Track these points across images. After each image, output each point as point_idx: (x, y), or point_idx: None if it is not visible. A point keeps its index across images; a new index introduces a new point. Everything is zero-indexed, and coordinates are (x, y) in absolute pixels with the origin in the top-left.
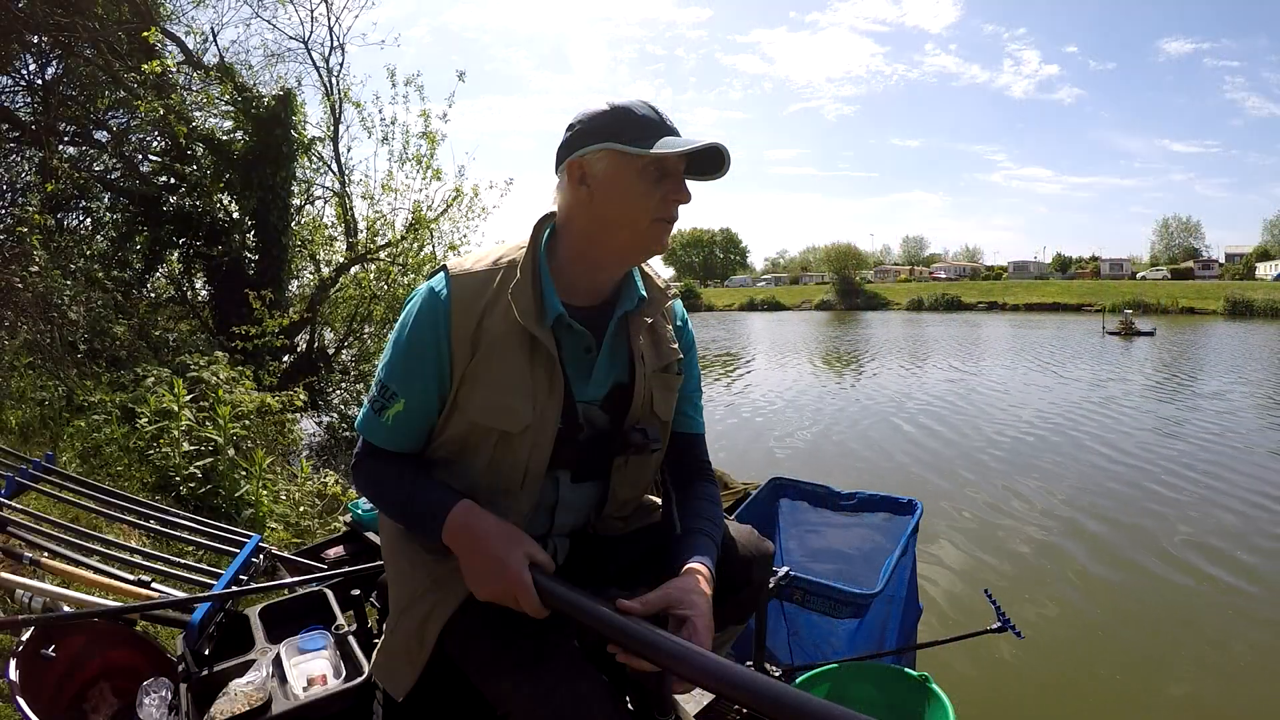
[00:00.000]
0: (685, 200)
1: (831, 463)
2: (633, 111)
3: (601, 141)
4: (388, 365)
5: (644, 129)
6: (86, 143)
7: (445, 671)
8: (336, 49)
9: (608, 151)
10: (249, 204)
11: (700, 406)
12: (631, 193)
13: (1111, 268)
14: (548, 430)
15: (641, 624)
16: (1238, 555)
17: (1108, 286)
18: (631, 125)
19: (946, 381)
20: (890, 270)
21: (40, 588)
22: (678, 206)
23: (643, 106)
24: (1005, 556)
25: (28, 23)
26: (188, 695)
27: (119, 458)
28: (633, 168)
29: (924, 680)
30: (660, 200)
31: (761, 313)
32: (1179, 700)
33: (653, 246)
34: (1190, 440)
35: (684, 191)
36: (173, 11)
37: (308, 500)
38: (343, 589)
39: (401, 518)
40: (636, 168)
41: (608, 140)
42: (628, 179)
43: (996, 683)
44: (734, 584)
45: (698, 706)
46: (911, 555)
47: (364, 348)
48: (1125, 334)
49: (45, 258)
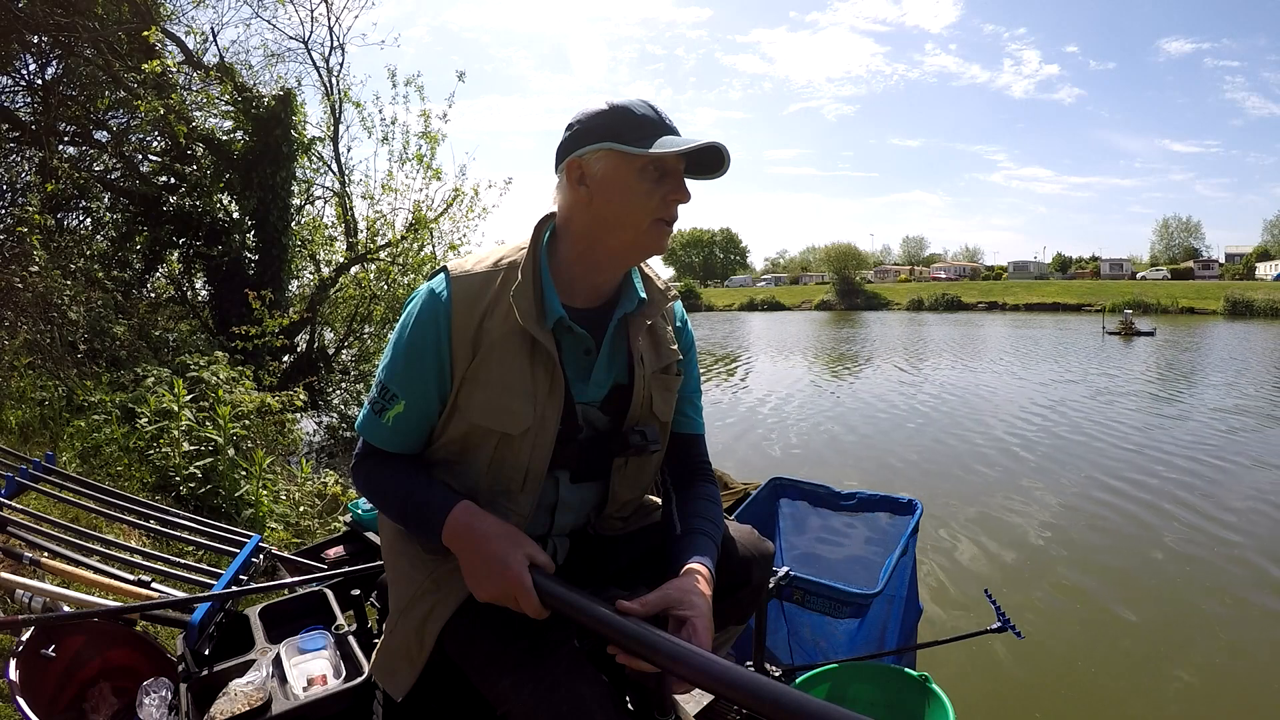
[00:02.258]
0: (685, 200)
1: (831, 463)
2: (632, 111)
3: (601, 141)
4: (388, 366)
5: (643, 129)
6: (86, 143)
7: (445, 671)
8: (336, 49)
9: (607, 151)
10: (249, 204)
11: (700, 407)
12: (631, 193)
13: (1111, 268)
14: (548, 432)
15: (641, 625)
16: (1238, 555)
17: (1108, 286)
18: (631, 125)
19: (946, 381)
20: (890, 270)
21: (40, 588)
22: (677, 206)
23: (642, 106)
24: (1005, 556)
25: (28, 23)
26: (188, 695)
27: (119, 458)
28: (632, 168)
29: (924, 680)
30: (660, 200)
31: (761, 313)
32: (1179, 700)
33: (652, 247)
34: (1191, 440)
35: (684, 191)
36: (173, 11)
37: (308, 500)
38: (343, 589)
39: (401, 518)
40: (636, 168)
41: (607, 140)
42: (627, 179)
43: (996, 683)
44: (734, 584)
45: (698, 707)
46: (911, 555)
47: (364, 348)
48: (1125, 334)
49: (45, 258)
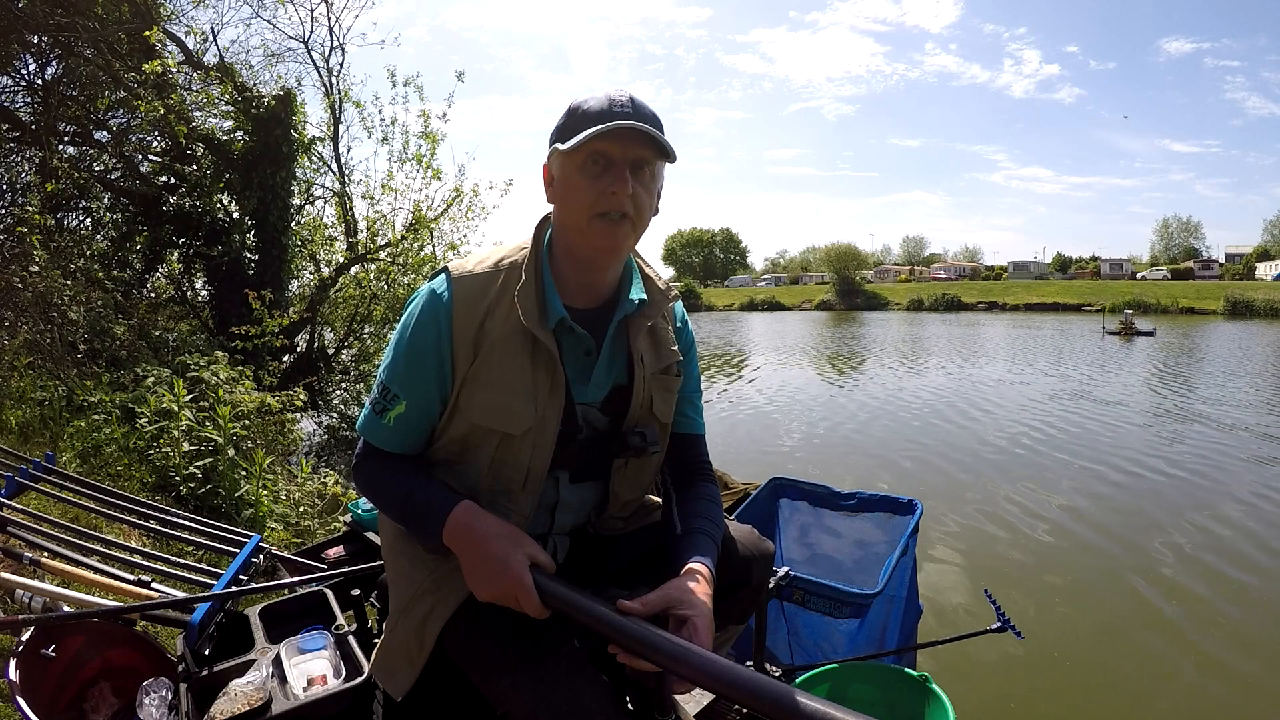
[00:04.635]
0: (621, 191)
1: (831, 463)
2: (581, 107)
3: (554, 142)
4: (389, 367)
5: (584, 123)
6: (86, 143)
7: (445, 671)
8: (336, 49)
9: (553, 151)
10: (249, 204)
11: (700, 407)
12: (574, 189)
13: (1111, 268)
14: (549, 432)
15: (642, 624)
16: (1239, 555)
17: (1108, 286)
18: (576, 121)
19: (946, 381)
20: (890, 270)
21: (40, 588)
22: (618, 200)
23: (597, 100)
24: (1005, 556)
25: (28, 23)
26: (188, 695)
27: (119, 458)
28: (574, 164)
29: (924, 680)
30: (598, 195)
31: (761, 313)
32: (1179, 700)
33: (598, 243)
34: (1191, 441)
35: (622, 183)
36: (173, 11)
37: (308, 500)
38: (343, 589)
39: (402, 518)
40: (577, 164)
41: (556, 140)
42: (571, 176)
43: (996, 683)
44: (734, 584)
45: (698, 706)
46: (911, 555)
47: (364, 348)
48: (1125, 334)
49: (45, 258)
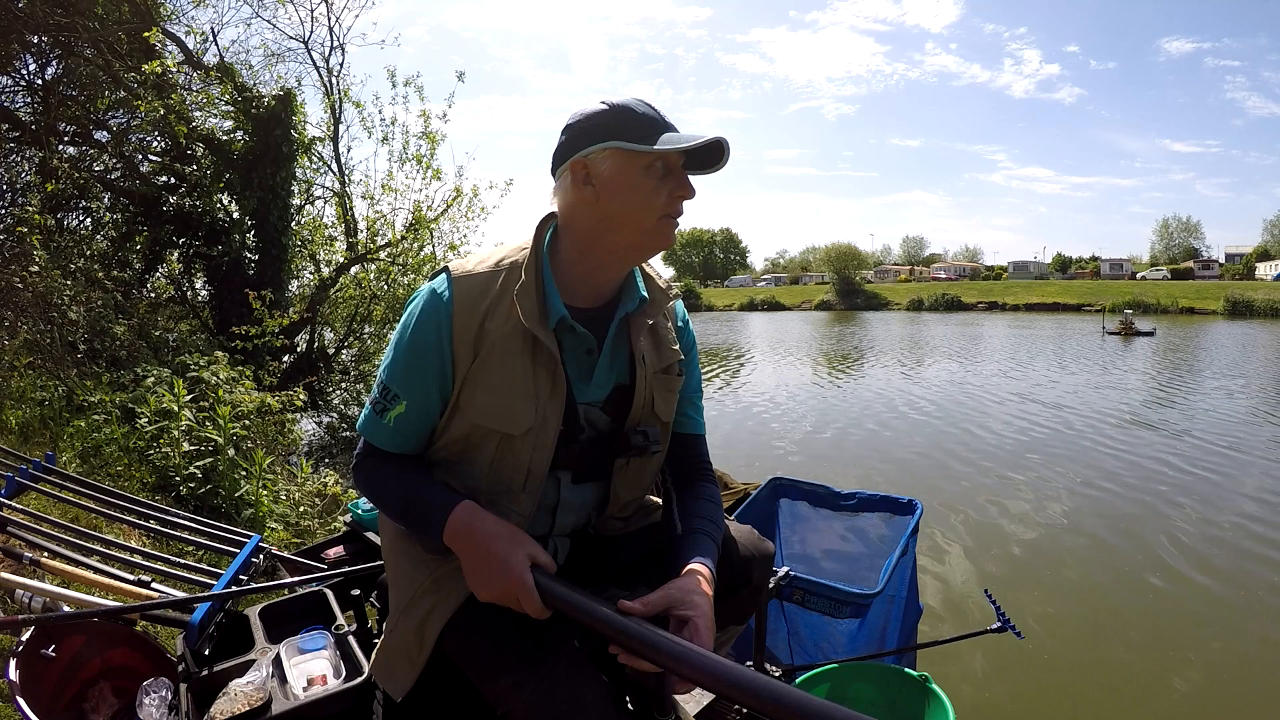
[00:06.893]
0: (690, 196)
1: (831, 462)
2: (632, 110)
3: (604, 141)
4: (389, 367)
5: (645, 126)
6: (86, 143)
7: (445, 671)
8: (336, 49)
9: (612, 150)
10: (249, 204)
11: (701, 407)
12: (638, 190)
13: (1111, 268)
14: (549, 432)
15: (642, 624)
16: (1239, 554)
17: (1108, 286)
18: (632, 123)
19: (946, 381)
20: (890, 270)
21: (40, 588)
22: (683, 202)
23: (640, 105)
24: (1005, 556)
25: (28, 23)
26: (188, 695)
27: (119, 458)
28: (637, 165)
29: (924, 680)
30: (667, 197)
31: (762, 313)
32: (1179, 700)
33: (659, 244)
34: (1191, 441)
35: (688, 187)
36: (173, 11)
37: (308, 500)
38: (343, 589)
39: (402, 519)
40: (641, 165)
41: (611, 139)
42: (633, 177)
43: (996, 683)
44: (734, 584)
45: (698, 706)
46: (911, 555)
47: (364, 348)
48: (1125, 334)
49: (45, 258)
